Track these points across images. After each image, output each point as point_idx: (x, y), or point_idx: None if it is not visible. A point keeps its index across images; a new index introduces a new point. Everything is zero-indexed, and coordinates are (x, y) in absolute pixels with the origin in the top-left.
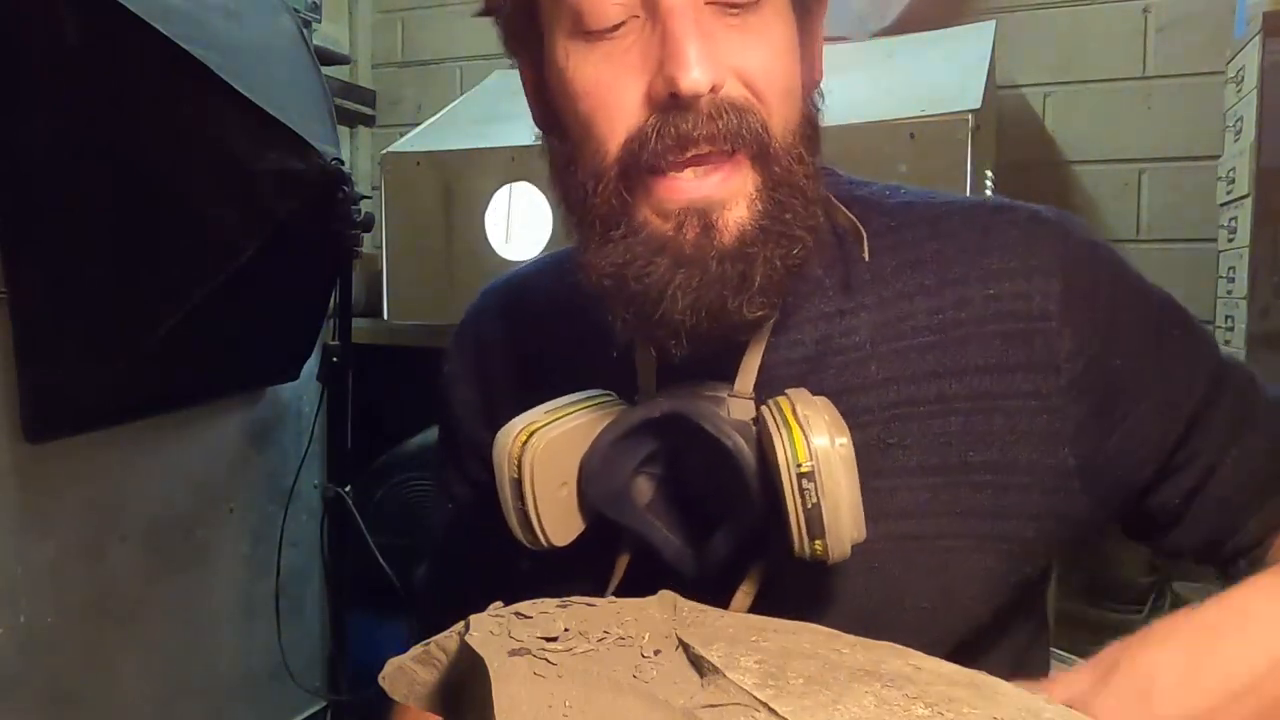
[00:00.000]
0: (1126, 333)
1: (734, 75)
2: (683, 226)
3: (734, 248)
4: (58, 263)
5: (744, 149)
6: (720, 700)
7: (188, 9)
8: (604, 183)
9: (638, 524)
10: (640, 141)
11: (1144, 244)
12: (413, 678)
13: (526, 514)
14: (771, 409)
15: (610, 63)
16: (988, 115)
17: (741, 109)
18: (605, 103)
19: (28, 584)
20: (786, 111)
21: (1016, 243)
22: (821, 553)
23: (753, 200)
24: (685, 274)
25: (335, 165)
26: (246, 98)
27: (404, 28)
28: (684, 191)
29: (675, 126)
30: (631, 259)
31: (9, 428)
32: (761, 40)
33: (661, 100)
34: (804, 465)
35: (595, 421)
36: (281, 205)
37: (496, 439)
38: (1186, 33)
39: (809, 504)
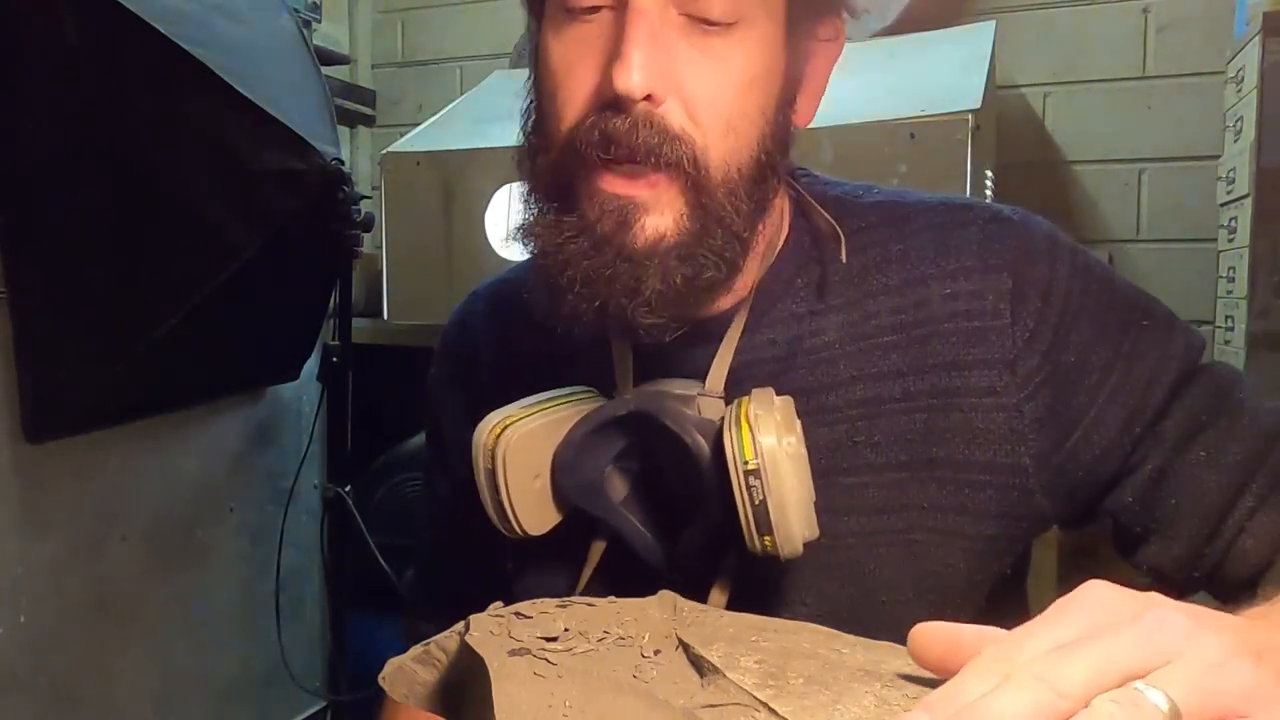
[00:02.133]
0: (1084, 329)
1: (678, 96)
2: (602, 216)
3: (641, 250)
4: (58, 263)
5: (666, 173)
6: (720, 700)
7: (188, 9)
8: (547, 158)
9: (610, 517)
10: (580, 132)
11: (1144, 244)
12: (413, 678)
13: (501, 504)
14: (732, 408)
15: (578, 46)
16: (988, 115)
17: (671, 134)
18: (564, 84)
19: (28, 584)
20: (728, 146)
21: (974, 242)
22: (771, 548)
23: (679, 216)
24: (590, 263)
25: (335, 165)
26: (246, 98)
27: (404, 28)
28: (612, 185)
29: (606, 124)
30: (553, 234)
31: (9, 428)
32: (721, 68)
33: (605, 96)
34: (750, 463)
35: (570, 416)
36: (281, 205)
37: (475, 432)
38: (1186, 33)
39: (755, 500)
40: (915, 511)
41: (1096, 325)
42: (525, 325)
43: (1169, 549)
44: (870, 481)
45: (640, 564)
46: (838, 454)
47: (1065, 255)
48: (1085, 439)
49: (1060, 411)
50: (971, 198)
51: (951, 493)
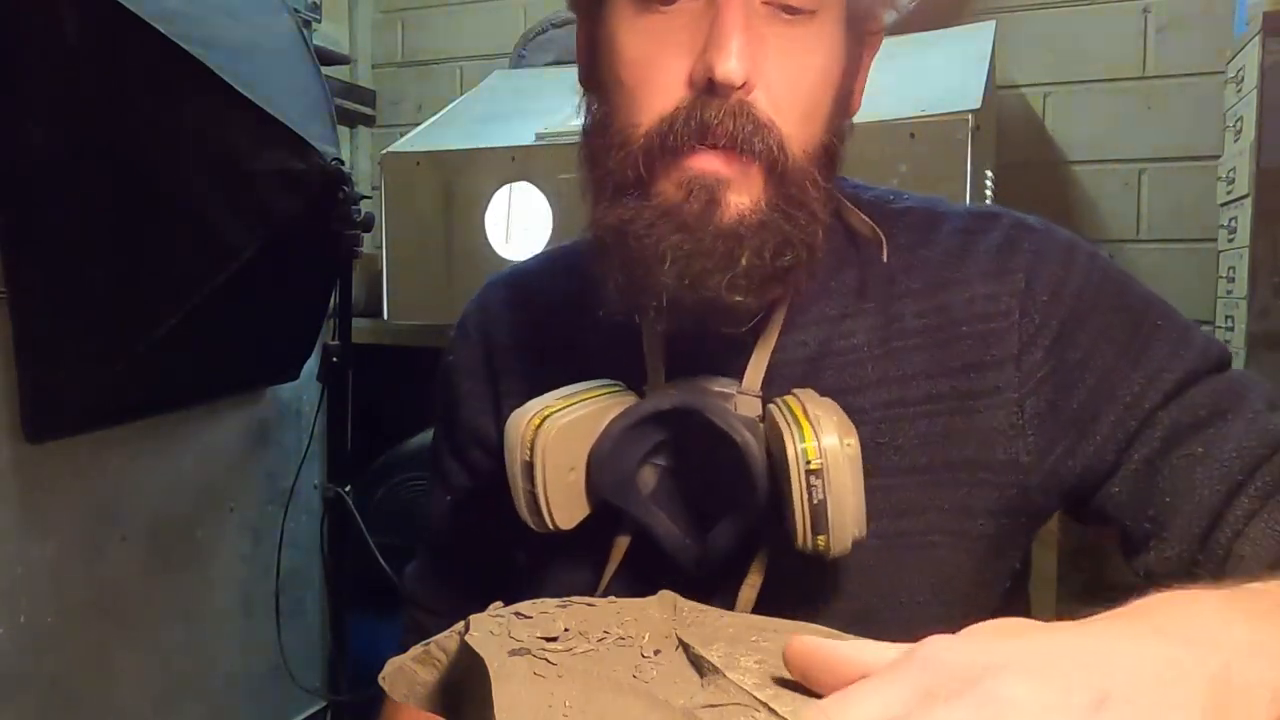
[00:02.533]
0: (1091, 327)
1: (767, 87)
2: (690, 197)
3: (730, 227)
4: (58, 263)
5: (754, 160)
6: (720, 700)
7: (188, 9)
8: (628, 152)
9: (641, 512)
10: (670, 123)
11: (1144, 244)
12: (413, 678)
13: (535, 496)
14: (780, 407)
15: (660, 38)
16: (988, 115)
17: (761, 123)
18: (648, 77)
19: (28, 584)
20: (806, 133)
21: (996, 248)
22: (824, 547)
23: (759, 199)
24: (680, 238)
25: (335, 165)
26: (246, 98)
27: (404, 28)
28: (698, 163)
29: (702, 113)
30: (636, 218)
31: (9, 428)
32: (802, 56)
33: (699, 84)
34: (813, 462)
35: (606, 409)
36: (281, 205)
37: (509, 422)
38: (1186, 33)
39: (815, 500)
40: (935, 514)
41: (1105, 324)
42: (547, 316)
43: (1163, 550)
44: (894, 484)
45: (664, 560)
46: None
47: (1081, 258)
48: (1083, 435)
49: (1061, 408)
50: (1000, 207)
51: (964, 494)
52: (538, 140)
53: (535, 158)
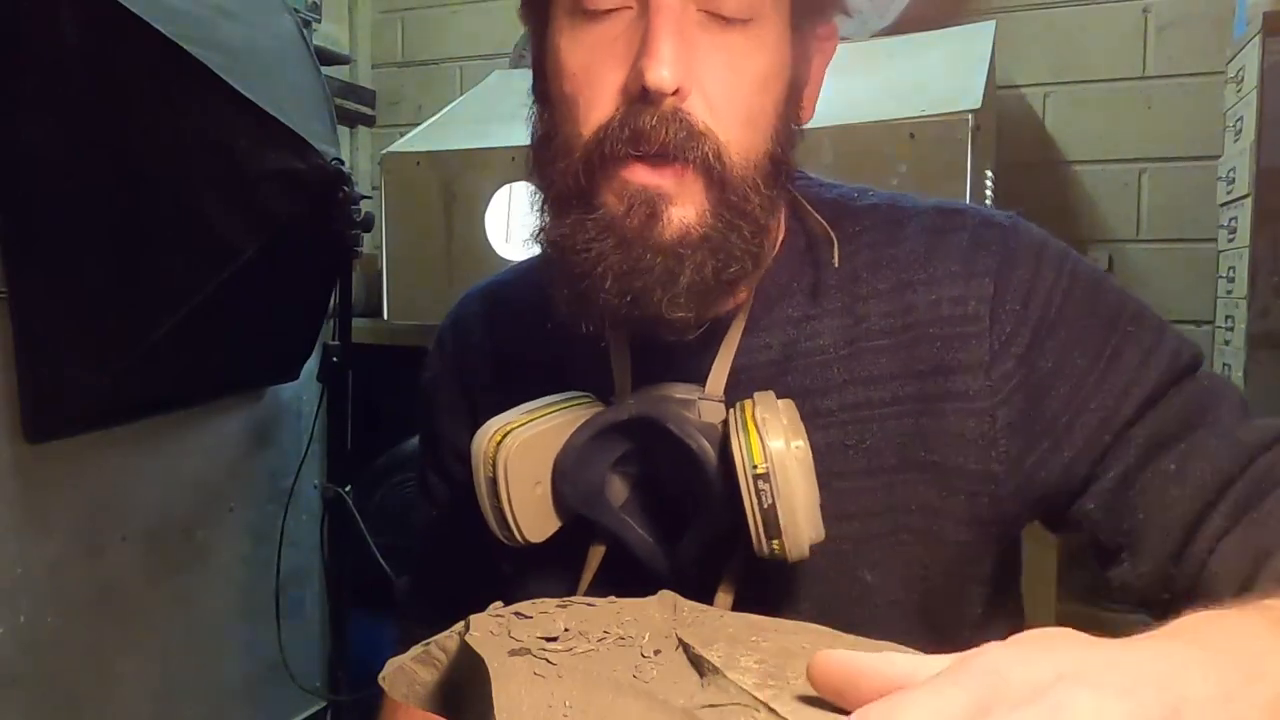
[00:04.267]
0: (1063, 334)
1: (700, 92)
2: (630, 211)
3: (670, 244)
4: (58, 263)
5: (691, 167)
6: (720, 700)
7: (188, 9)
8: (569, 162)
9: (612, 522)
10: (606, 131)
11: (1144, 244)
12: (413, 678)
13: (502, 511)
14: (736, 412)
15: (597, 48)
16: (988, 115)
17: (696, 130)
18: (586, 86)
19: (28, 584)
20: (746, 140)
21: (963, 247)
22: (780, 552)
23: (702, 211)
24: (620, 257)
25: (335, 165)
26: (246, 98)
27: (404, 28)
28: (639, 176)
29: (636, 120)
30: (577, 233)
31: (9, 428)
32: (739, 64)
33: (632, 93)
34: (759, 467)
35: (570, 422)
36: (281, 205)
37: (473, 440)
38: (1186, 33)
39: (765, 504)
40: (903, 514)
41: (1077, 331)
42: (521, 328)
43: (1136, 566)
44: (862, 485)
45: (640, 569)
46: (830, 458)
47: (1052, 260)
48: (1056, 445)
49: (1034, 417)
50: (966, 203)
51: (934, 496)
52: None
53: None
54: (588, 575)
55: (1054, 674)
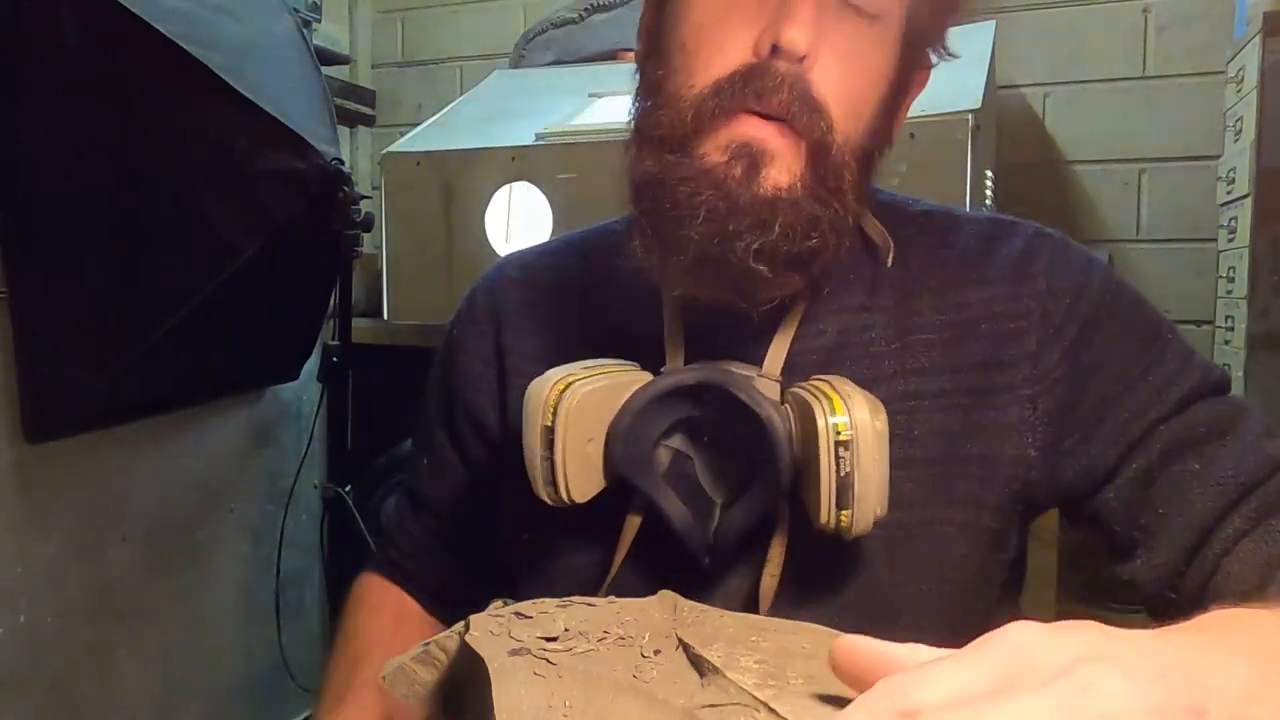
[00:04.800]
0: (1108, 332)
1: (824, 67)
2: (732, 162)
3: (766, 198)
4: (58, 263)
5: (801, 136)
6: (720, 700)
7: (188, 9)
8: (678, 109)
9: (654, 491)
10: (725, 86)
11: (1144, 244)
12: (413, 678)
13: (553, 465)
14: (805, 388)
15: (729, 7)
16: (988, 115)
17: (813, 100)
18: (710, 40)
19: (28, 584)
20: (851, 126)
21: (1017, 252)
22: (846, 523)
23: (796, 178)
24: (714, 196)
25: (335, 165)
26: (246, 98)
27: (404, 28)
28: (745, 128)
29: (759, 80)
30: (674, 171)
31: (9, 428)
32: (861, 52)
33: (761, 51)
34: (843, 434)
35: (627, 384)
36: (281, 205)
37: (531, 388)
38: (1186, 33)
39: (842, 472)
40: (945, 506)
41: (1121, 332)
42: (563, 301)
43: (1150, 559)
44: (907, 475)
45: (673, 543)
46: None
47: (1100, 269)
48: (1087, 437)
49: (1071, 408)
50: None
51: (975, 487)
52: (538, 140)
53: (535, 158)
54: (623, 546)
55: (1080, 654)
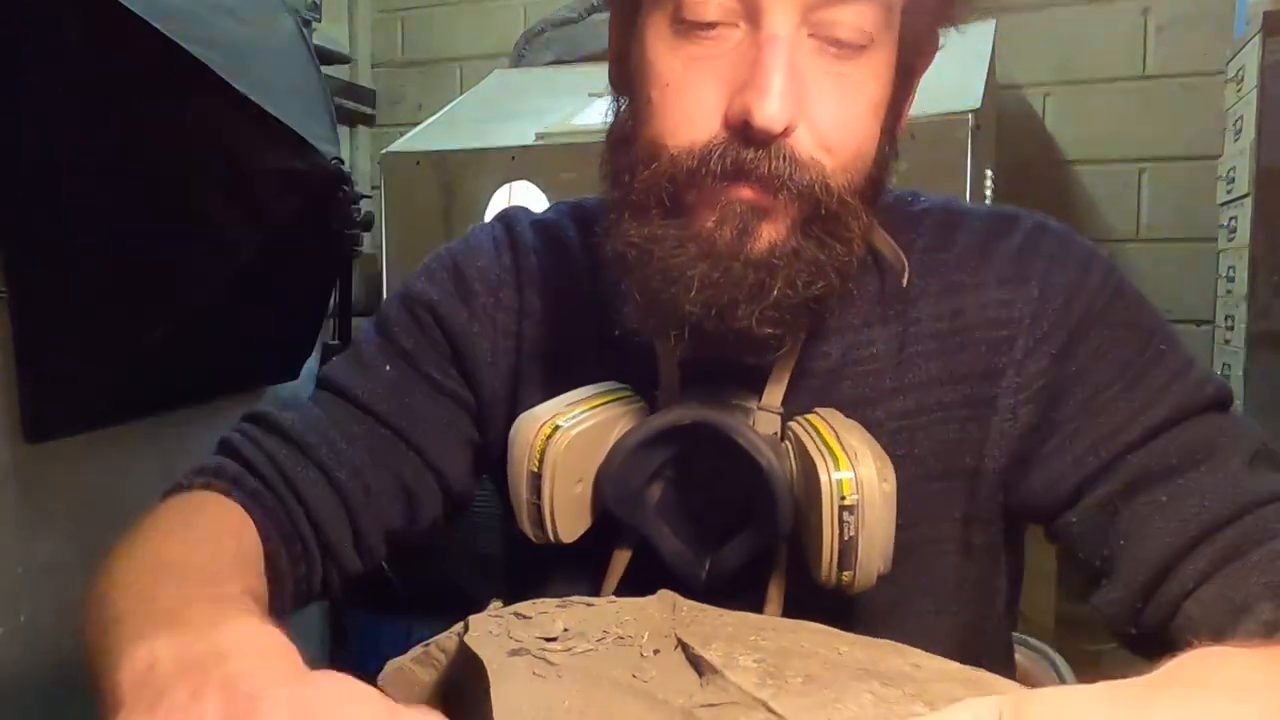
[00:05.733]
0: (1095, 339)
1: (808, 124)
2: (723, 223)
3: (761, 258)
4: (58, 263)
5: (793, 197)
6: (719, 699)
7: (188, 9)
8: (654, 173)
9: (648, 529)
10: (700, 157)
11: (1144, 244)
12: (412, 678)
13: (540, 509)
14: (807, 430)
15: (697, 63)
16: (988, 115)
17: (801, 163)
18: (680, 102)
19: (28, 584)
20: (853, 168)
21: (1015, 251)
22: (848, 583)
23: (794, 226)
24: (708, 266)
25: (335, 165)
26: (246, 97)
27: (404, 27)
28: (731, 193)
29: (737, 154)
30: (663, 237)
31: (9, 428)
32: (851, 94)
33: (734, 124)
34: (848, 498)
35: (616, 419)
36: (281, 205)
37: (518, 428)
38: (1186, 33)
39: (845, 536)
40: (947, 523)
41: (1110, 340)
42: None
43: (1110, 593)
44: (908, 495)
45: (664, 576)
46: None
47: (1100, 269)
48: (1058, 449)
49: (1049, 418)
50: (1021, 209)
51: (968, 502)
52: (538, 140)
53: (535, 157)
54: (612, 579)
55: None
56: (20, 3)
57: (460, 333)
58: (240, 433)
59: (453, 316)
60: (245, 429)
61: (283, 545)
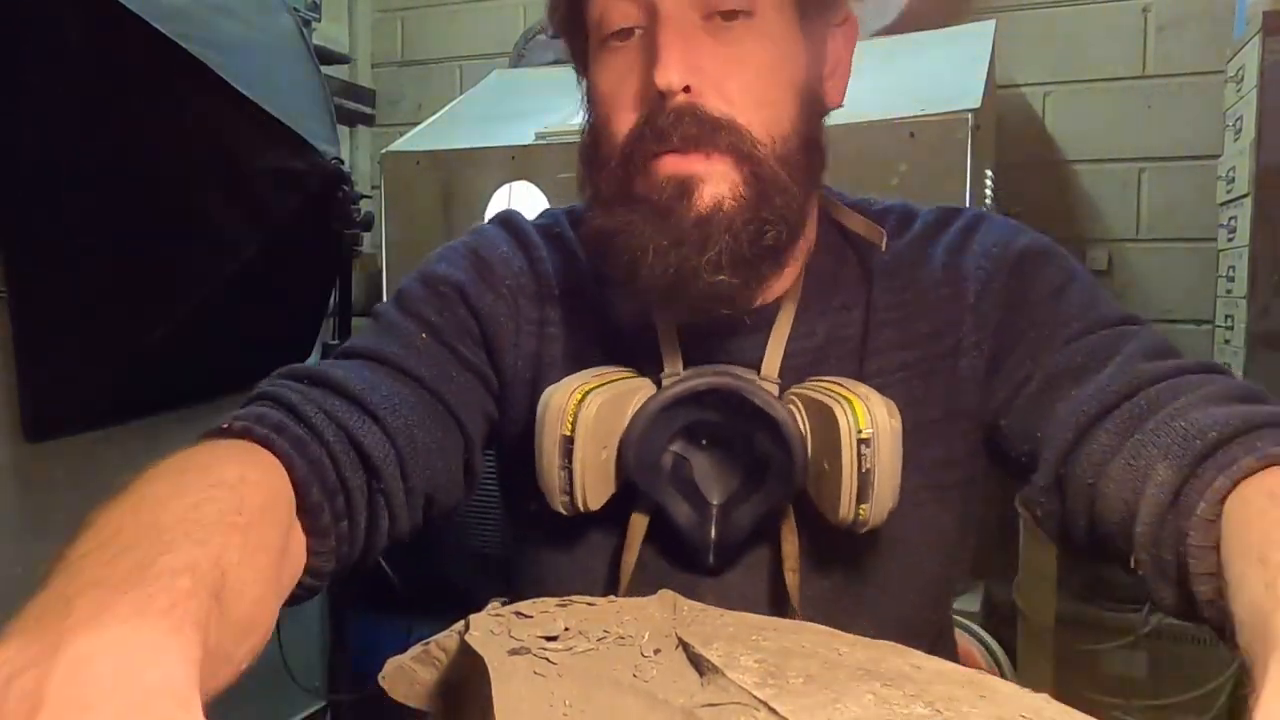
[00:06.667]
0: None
1: (713, 86)
2: (663, 191)
3: (704, 215)
4: (57, 262)
5: (720, 153)
6: (720, 699)
7: (188, 9)
8: (609, 168)
9: (662, 495)
10: (634, 134)
11: (1144, 243)
12: (413, 677)
13: (571, 475)
14: (816, 389)
15: (620, 68)
16: (988, 115)
17: (713, 120)
18: (614, 101)
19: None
20: (765, 117)
21: (959, 232)
22: (865, 516)
23: (735, 184)
24: (655, 230)
25: (335, 165)
26: (246, 97)
27: (404, 27)
28: (668, 166)
29: (655, 122)
30: (621, 222)
31: (9, 428)
32: (745, 54)
33: (649, 98)
34: (864, 431)
35: (632, 391)
36: (281, 205)
37: (548, 397)
38: (1186, 33)
39: (864, 468)
40: (917, 474)
41: (1042, 276)
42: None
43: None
44: None
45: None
46: None
47: (1033, 234)
48: (1001, 369)
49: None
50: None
51: (943, 449)
52: (538, 140)
53: (535, 157)
54: (632, 546)
55: None
56: (20, 3)
57: (487, 314)
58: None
59: (479, 297)
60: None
61: (325, 500)
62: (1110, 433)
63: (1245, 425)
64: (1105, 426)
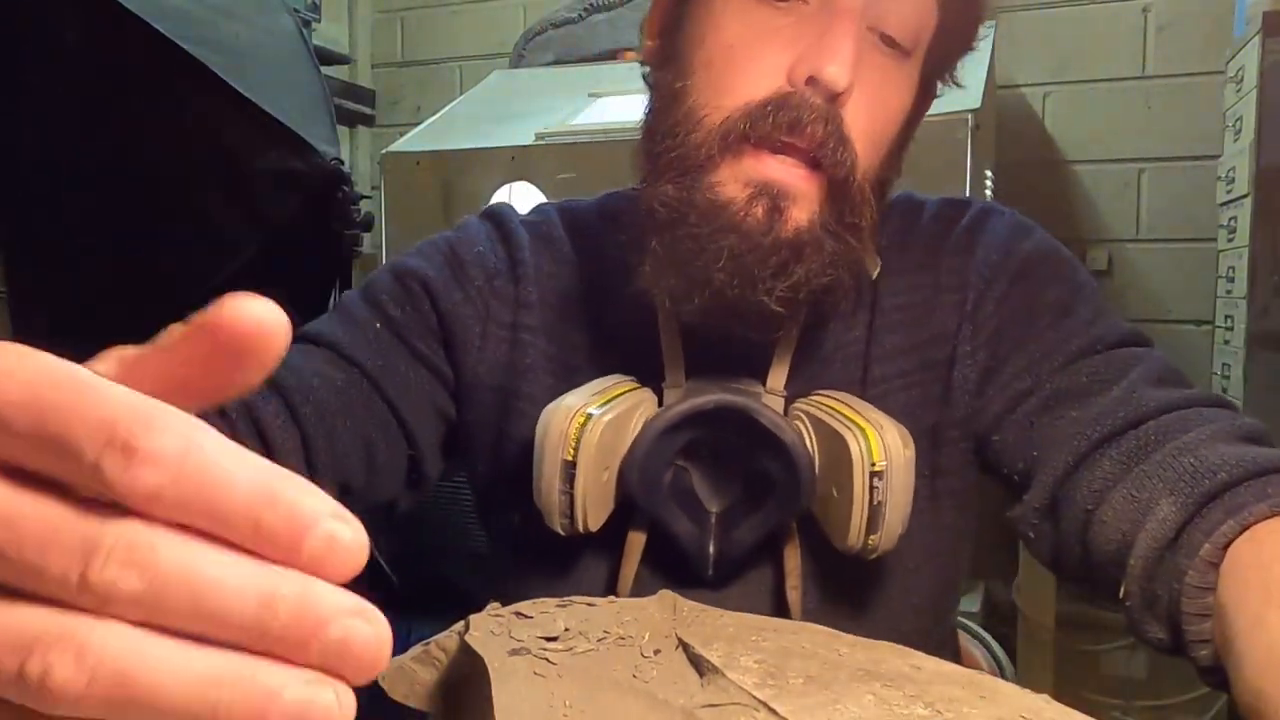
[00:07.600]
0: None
1: (855, 105)
2: (753, 202)
3: (788, 239)
4: (57, 262)
5: (821, 172)
6: (720, 700)
7: (187, 9)
8: (701, 132)
9: (665, 514)
10: (757, 113)
11: (1144, 244)
12: (413, 677)
13: (572, 500)
14: (820, 408)
15: (763, 29)
16: (988, 115)
17: (845, 137)
18: (742, 62)
19: None
20: (874, 161)
21: (966, 230)
22: (874, 545)
23: (815, 217)
24: (737, 240)
25: (335, 165)
26: (246, 98)
27: (404, 28)
28: (768, 168)
29: (794, 111)
30: (698, 203)
31: None
32: (890, 89)
33: (797, 80)
34: (878, 465)
35: (633, 409)
36: (281, 206)
37: (547, 420)
38: (1186, 33)
39: (875, 501)
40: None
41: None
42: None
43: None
44: None
45: (677, 559)
46: None
47: (1038, 234)
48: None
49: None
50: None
51: (938, 457)
52: (538, 140)
53: (535, 158)
54: (630, 562)
55: None
56: (20, 3)
57: (451, 312)
58: None
59: (445, 295)
60: None
61: None
62: (1114, 460)
63: (1256, 469)
64: (1108, 453)
